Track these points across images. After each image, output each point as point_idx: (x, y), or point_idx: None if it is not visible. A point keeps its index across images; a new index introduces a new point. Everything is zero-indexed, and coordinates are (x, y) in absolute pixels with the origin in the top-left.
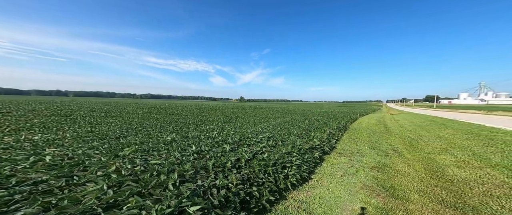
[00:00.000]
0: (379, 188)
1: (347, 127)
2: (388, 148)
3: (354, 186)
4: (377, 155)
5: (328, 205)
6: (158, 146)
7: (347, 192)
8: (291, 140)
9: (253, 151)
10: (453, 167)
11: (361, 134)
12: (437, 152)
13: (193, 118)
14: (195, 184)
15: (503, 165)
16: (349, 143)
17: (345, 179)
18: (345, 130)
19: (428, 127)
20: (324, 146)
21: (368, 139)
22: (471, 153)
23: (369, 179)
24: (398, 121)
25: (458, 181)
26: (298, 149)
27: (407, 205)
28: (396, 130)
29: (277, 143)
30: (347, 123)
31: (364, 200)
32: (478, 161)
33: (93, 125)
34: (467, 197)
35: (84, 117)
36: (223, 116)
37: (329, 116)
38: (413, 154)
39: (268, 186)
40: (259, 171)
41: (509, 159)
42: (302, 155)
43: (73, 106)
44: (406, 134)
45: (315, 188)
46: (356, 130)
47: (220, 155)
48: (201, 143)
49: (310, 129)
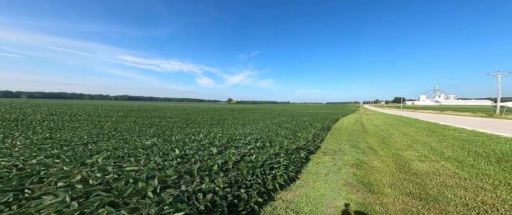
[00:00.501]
0: (358, 184)
1: (330, 127)
2: (365, 146)
3: (337, 184)
4: (356, 153)
5: (314, 204)
6: (135, 151)
7: (331, 190)
8: (279, 141)
9: (241, 153)
10: (417, 161)
11: (342, 134)
12: (404, 148)
13: (178, 121)
14: (178, 189)
15: (453, 157)
16: (332, 142)
17: (329, 177)
18: (328, 130)
19: (396, 125)
20: (310, 146)
21: (348, 138)
22: (430, 148)
23: (350, 176)
24: (373, 121)
25: (421, 173)
26: (286, 150)
27: (382, 199)
28: (371, 129)
29: (265, 144)
30: (330, 123)
31: (346, 197)
32: (435, 155)
33: (53, 131)
34: (428, 188)
35: (41, 121)
36: (210, 118)
37: (314, 116)
38: (385, 150)
39: (257, 187)
40: (247, 173)
41: (458, 152)
42: (289, 155)
43: (26, 110)
44: (379, 133)
45: (302, 187)
46: (338, 129)
47: (207, 158)
48: (186, 147)
49: (297, 129)
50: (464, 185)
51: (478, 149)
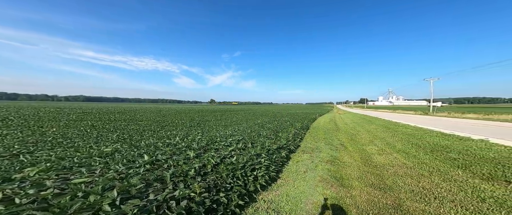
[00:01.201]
0: (332, 179)
1: (309, 126)
2: (338, 142)
3: (314, 180)
4: (330, 150)
5: (294, 202)
6: (89, 160)
7: (309, 187)
8: (261, 142)
9: (221, 155)
10: (376, 154)
11: (319, 132)
12: (367, 143)
13: (150, 124)
14: (145, 199)
15: (402, 150)
16: (311, 140)
17: (307, 174)
18: (307, 129)
19: (361, 123)
20: (290, 145)
21: (324, 136)
22: (386, 142)
23: (325, 172)
24: (344, 119)
25: (379, 166)
26: (267, 150)
27: (351, 192)
28: (342, 127)
29: (246, 145)
30: (309, 123)
31: (322, 192)
32: (389, 149)
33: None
34: (385, 178)
35: None
36: (190, 119)
37: (295, 116)
38: (353, 146)
39: (237, 190)
40: (227, 176)
41: (405, 145)
42: (270, 155)
43: None
44: (349, 130)
45: (283, 186)
46: (315, 128)
47: (182, 162)
48: (158, 152)
49: (278, 129)
50: (410, 173)
51: (418, 142)
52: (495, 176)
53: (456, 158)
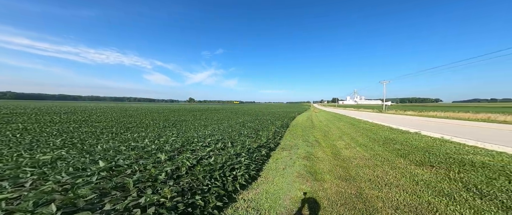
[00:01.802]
0: (307, 174)
1: (289, 124)
2: (313, 139)
3: (292, 176)
4: (306, 146)
5: (273, 199)
6: (16, 171)
7: (287, 183)
8: (241, 141)
9: (198, 157)
10: (344, 149)
11: (297, 130)
12: (336, 139)
13: (112, 125)
14: (98, 210)
15: (363, 143)
16: (290, 138)
17: (286, 171)
18: (287, 127)
19: (333, 121)
20: (270, 143)
21: (301, 133)
22: (351, 137)
23: (302, 168)
24: (319, 117)
25: (346, 159)
26: (247, 149)
27: (323, 185)
28: (317, 124)
29: (226, 145)
30: (289, 121)
31: (298, 188)
32: (354, 143)
33: None
34: (350, 170)
35: None
36: (164, 119)
37: (276, 115)
38: (326, 142)
39: (216, 191)
40: (204, 178)
41: (365, 139)
42: (251, 154)
43: None
44: (322, 127)
45: (263, 184)
46: (294, 126)
47: (151, 166)
48: (119, 157)
49: (259, 128)
50: (368, 164)
51: (374, 136)
52: (424, 162)
53: (399, 149)
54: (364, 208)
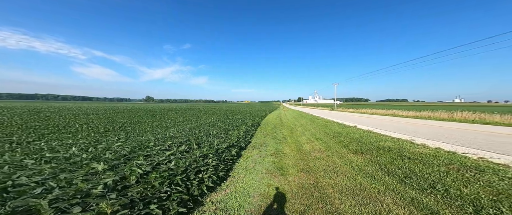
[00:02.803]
0: (275, 170)
1: (260, 123)
2: (281, 136)
3: (261, 173)
4: (275, 143)
5: (242, 197)
6: None
7: (256, 180)
8: (209, 141)
9: (154, 162)
10: (305, 144)
11: (267, 128)
12: (300, 135)
13: (12, 131)
14: None
15: (319, 138)
16: (260, 136)
17: (255, 168)
18: (258, 126)
19: (298, 118)
20: (241, 142)
21: (271, 131)
22: (311, 133)
23: (270, 164)
24: (287, 116)
25: (307, 152)
26: (216, 150)
27: (288, 178)
28: (285, 122)
29: (191, 147)
30: (260, 119)
31: (267, 183)
32: (313, 137)
33: None
34: (310, 162)
35: None
36: (106, 122)
37: (247, 114)
38: (292, 138)
39: (178, 197)
40: (161, 184)
41: (321, 134)
42: (219, 155)
43: None
44: (289, 125)
45: (233, 184)
46: (265, 124)
47: (80, 180)
48: (21, 173)
49: (230, 128)
50: (323, 156)
51: (327, 130)
52: (358, 150)
53: (343, 140)
54: (320, 196)
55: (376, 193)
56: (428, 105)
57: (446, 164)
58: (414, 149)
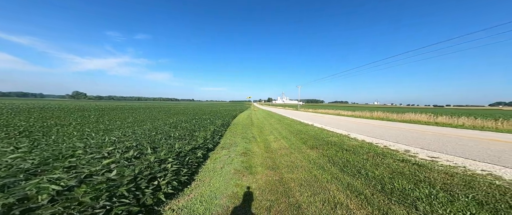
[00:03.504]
0: (244, 169)
1: (230, 123)
2: (251, 136)
3: (229, 174)
4: (245, 143)
5: (209, 200)
6: None
7: (224, 181)
8: (169, 144)
9: (81, 174)
10: (273, 142)
11: (238, 128)
12: (268, 133)
13: None
14: None
15: (285, 136)
16: (230, 136)
17: (223, 169)
18: (228, 126)
19: (267, 118)
20: (209, 143)
21: (241, 131)
22: (278, 132)
23: (239, 164)
24: (257, 115)
25: (274, 150)
26: (177, 153)
27: (256, 177)
28: (256, 121)
29: (143, 152)
30: (230, 119)
31: (235, 184)
32: (280, 136)
33: None
34: (276, 159)
35: None
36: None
37: (217, 114)
38: (261, 137)
39: (122, 210)
40: (95, 199)
41: (286, 132)
42: (182, 159)
43: None
44: (259, 124)
45: (198, 188)
46: (235, 124)
47: None
48: None
49: (196, 128)
50: (287, 153)
51: (291, 129)
52: (314, 145)
53: (303, 137)
54: (283, 190)
55: (325, 182)
56: (360, 106)
57: (367, 152)
58: (349, 142)
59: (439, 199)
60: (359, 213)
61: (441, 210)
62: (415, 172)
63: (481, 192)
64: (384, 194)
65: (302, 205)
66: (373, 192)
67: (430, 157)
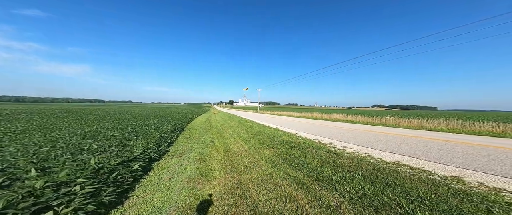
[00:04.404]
0: (199, 177)
1: (184, 128)
2: (209, 140)
3: (180, 184)
4: (201, 148)
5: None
6: None
7: (174, 193)
8: (80, 160)
9: None
10: (233, 145)
11: (194, 132)
12: (228, 136)
13: None
14: None
15: (245, 138)
16: (183, 142)
17: (173, 180)
18: (181, 131)
19: (228, 121)
20: (151, 153)
21: (198, 135)
22: (238, 134)
23: (193, 172)
24: (217, 118)
25: (233, 153)
26: (95, 170)
27: (213, 182)
28: (215, 125)
29: (18, 177)
30: (184, 124)
31: (188, 193)
32: (239, 138)
33: None
34: (235, 162)
35: None
36: None
37: (166, 118)
38: (220, 141)
39: None
40: None
41: (246, 134)
42: (105, 176)
43: None
44: (219, 127)
45: (135, 206)
46: (191, 129)
47: None
48: None
49: (131, 137)
50: (246, 155)
51: (251, 130)
52: (270, 145)
53: (261, 138)
54: (242, 192)
55: (278, 179)
56: (305, 108)
57: (308, 148)
58: (296, 139)
59: (347, 179)
60: (302, 202)
61: (348, 188)
62: (334, 160)
63: (365, 169)
64: (318, 182)
65: (258, 204)
66: (311, 181)
67: (343, 147)
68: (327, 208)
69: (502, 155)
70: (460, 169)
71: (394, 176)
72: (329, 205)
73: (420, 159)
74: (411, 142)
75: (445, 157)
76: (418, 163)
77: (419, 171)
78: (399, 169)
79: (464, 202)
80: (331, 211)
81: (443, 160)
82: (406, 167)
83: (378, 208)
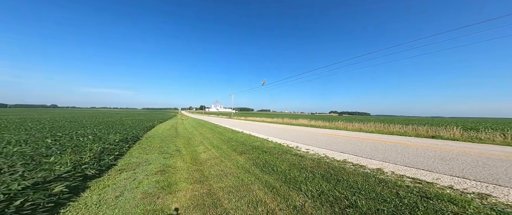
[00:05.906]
0: (159, 190)
1: (140, 136)
2: (174, 149)
3: (133, 201)
4: (163, 159)
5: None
6: None
7: (124, 212)
8: None
9: None
10: (203, 153)
11: (154, 141)
12: (198, 144)
13: None
14: None
15: (216, 145)
16: (138, 153)
17: (121, 198)
18: (136, 140)
19: (198, 127)
20: (87, 169)
21: (159, 144)
22: (209, 141)
23: (152, 186)
24: (185, 125)
25: (203, 162)
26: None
27: (177, 194)
28: (182, 132)
29: None
30: (141, 132)
31: (144, 210)
32: (210, 146)
33: None
34: (205, 171)
35: None
36: None
37: (115, 125)
38: (188, 149)
39: None
40: None
41: (218, 141)
42: (4, 203)
43: None
44: (187, 135)
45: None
46: (150, 137)
47: None
48: None
49: (51, 152)
50: (217, 162)
51: (223, 137)
52: (242, 151)
53: (234, 144)
54: (212, 202)
55: (250, 184)
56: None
57: (278, 152)
58: (268, 144)
59: (309, 179)
60: (272, 205)
61: (310, 187)
62: (299, 161)
63: (323, 169)
64: (286, 184)
65: (230, 212)
66: (280, 184)
67: (306, 149)
68: (294, 208)
69: (404, 149)
70: (382, 162)
71: (342, 172)
72: (295, 205)
73: (358, 156)
74: (354, 142)
75: (374, 153)
76: (357, 160)
77: (358, 166)
78: (345, 166)
79: (384, 188)
80: (297, 211)
81: (372, 155)
82: (350, 163)
83: (332, 202)
